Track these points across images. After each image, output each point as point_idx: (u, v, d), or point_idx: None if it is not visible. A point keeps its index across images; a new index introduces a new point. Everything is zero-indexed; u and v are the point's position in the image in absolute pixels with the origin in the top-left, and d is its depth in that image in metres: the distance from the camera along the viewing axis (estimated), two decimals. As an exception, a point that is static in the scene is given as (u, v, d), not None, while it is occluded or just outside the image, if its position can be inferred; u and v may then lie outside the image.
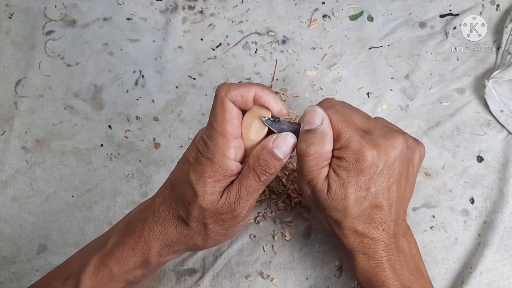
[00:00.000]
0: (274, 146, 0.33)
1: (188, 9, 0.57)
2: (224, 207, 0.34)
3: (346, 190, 0.33)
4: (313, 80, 0.54)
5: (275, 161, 0.33)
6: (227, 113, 0.33)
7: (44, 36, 0.56)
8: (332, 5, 0.57)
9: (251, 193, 0.34)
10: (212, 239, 0.36)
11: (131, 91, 0.54)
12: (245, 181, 0.33)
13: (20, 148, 0.51)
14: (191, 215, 0.34)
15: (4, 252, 0.47)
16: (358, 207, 0.34)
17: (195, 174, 0.34)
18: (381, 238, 0.35)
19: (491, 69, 0.53)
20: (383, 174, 0.34)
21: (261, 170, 0.33)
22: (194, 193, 0.33)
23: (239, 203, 0.33)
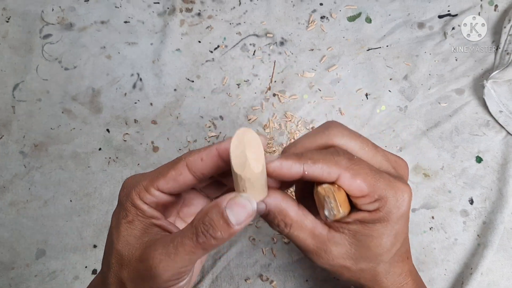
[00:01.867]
0: (228, 207, 0.26)
1: (186, 12, 0.57)
2: (142, 258, 0.27)
3: (381, 240, 0.30)
4: (312, 81, 0.54)
5: (224, 225, 0.26)
6: (172, 171, 0.29)
7: (42, 39, 0.55)
8: (330, 6, 0.57)
9: (181, 254, 0.26)
10: None
11: (129, 95, 0.53)
12: (179, 237, 0.27)
13: (18, 152, 0.51)
14: (110, 267, 0.29)
15: (3, 258, 0.47)
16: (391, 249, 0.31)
17: (112, 217, 0.30)
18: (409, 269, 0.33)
19: (490, 70, 0.53)
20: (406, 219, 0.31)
21: (203, 229, 0.26)
22: (111, 238, 0.29)
23: (161, 261, 0.26)
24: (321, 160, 0.28)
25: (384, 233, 0.29)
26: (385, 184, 0.29)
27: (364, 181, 0.28)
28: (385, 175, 0.29)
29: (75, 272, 0.46)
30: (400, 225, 0.30)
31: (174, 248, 0.27)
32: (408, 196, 0.29)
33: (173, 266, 0.27)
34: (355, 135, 0.31)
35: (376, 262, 0.31)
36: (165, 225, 0.30)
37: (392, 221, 0.29)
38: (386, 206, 0.29)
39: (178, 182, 0.29)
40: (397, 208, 0.29)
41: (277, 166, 0.28)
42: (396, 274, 0.33)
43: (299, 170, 0.28)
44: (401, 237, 0.31)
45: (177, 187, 0.29)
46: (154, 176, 0.29)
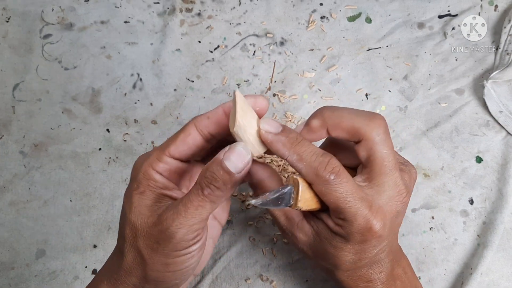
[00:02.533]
0: (225, 158, 0.28)
1: (186, 12, 0.57)
2: (156, 223, 0.29)
3: (339, 253, 0.31)
4: (312, 81, 0.54)
5: (224, 174, 0.28)
6: (181, 135, 0.31)
7: (42, 39, 0.55)
8: (330, 6, 0.57)
9: (190, 209, 0.28)
10: (152, 270, 0.30)
11: (129, 95, 0.53)
12: (186, 196, 0.29)
13: (18, 152, 0.51)
14: (125, 239, 0.30)
15: (3, 258, 0.47)
16: (353, 265, 0.32)
17: (125, 192, 0.32)
18: (378, 278, 0.33)
19: (490, 70, 0.53)
20: (386, 236, 0.31)
21: (206, 182, 0.28)
22: (124, 211, 0.31)
23: (173, 220, 0.28)
24: (307, 162, 0.29)
25: (342, 247, 0.30)
26: (357, 211, 0.29)
27: (332, 201, 0.29)
28: (364, 202, 0.29)
29: (75, 272, 0.46)
30: (364, 247, 0.30)
31: (183, 206, 0.28)
32: (380, 229, 0.30)
33: (185, 223, 0.28)
34: (389, 143, 0.31)
35: (333, 266, 0.32)
36: (177, 195, 0.31)
37: (353, 242, 0.30)
38: (349, 228, 0.29)
39: (188, 143, 0.31)
40: (360, 234, 0.30)
41: (268, 140, 0.30)
42: (358, 281, 0.33)
43: (284, 156, 0.30)
44: (364, 256, 0.31)
45: (187, 150, 0.31)
46: (165, 144, 0.31)
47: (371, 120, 0.31)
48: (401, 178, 0.31)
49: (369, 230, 0.29)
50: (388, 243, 0.32)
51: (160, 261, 0.29)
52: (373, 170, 0.31)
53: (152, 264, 0.30)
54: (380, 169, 0.31)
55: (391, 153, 0.31)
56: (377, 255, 0.32)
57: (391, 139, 0.32)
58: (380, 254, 0.32)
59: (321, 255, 0.32)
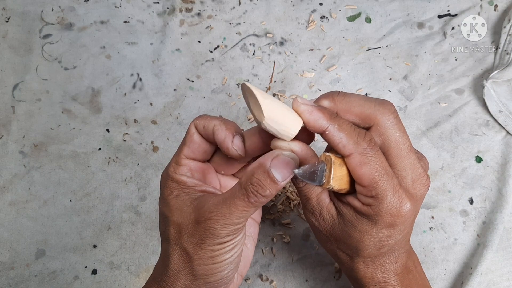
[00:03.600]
0: (272, 166, 0.28)
1: (186, 12, 0.57)
2: (198, 220, 0.30)
3: (364, 237, 0.30)
4: (311, 81, 0.54)
5: (271, 183, 0.28)
6: (188, 136, 0.33)
7: (41, 39, 0.55)
8: (330, 6, 0.57)
9: (235, 213, 0.29)
10: (199, 265, 0.31)
11: (129, 94, 0.53)
12: (231, 198, 0.29)
13: (17, 152, 0.51)
14: (169, 241, 0.31)
15: (2, 258, 0.47)
16: (375, 252, 0.31)
17: (160, 199, 0.33)
18: (393, 269, 0.33)
19: (490, 70, 0.53)
20: (410, 222, 0.31)
21: (253, 190, 0.28)
22: (164, 216, 0.32)
23: (217, 220, 0.29)
24: (346, 131, 0.29)
25: (368, 231, 0.30)
26: (388, 187, 0.29)
27: (368, 173, 0.28)
28: (395, 180, 0.29)
29: (75, 272, 0.46)
30: (391, 232, 0.30)
31: (227, 209, 0.29)
32: (410, 211, 0.29)
33: (229, 223, 0.29)
34: (401, 126, 0.31)
35: (354, 253, 0.32)
36: (208, 189, 0.33)
37: (380, 225, 0.30)
38: (379, 207, 0.29)
39: (196, 143, 0.33)
40: (390, 215, 0.29)
41: (308, 111, 0.29)
42: (375, 271, 0.33)
43: (323, 127, 0.29)
44: (388, 242, 0.31)
45: (198, 149, 0.33)
46: (178, 150, 0.33)
47: (381, 105, 0.30)
48: (419, 161, 0.31)
49: (399, 210, 0.29)
50: (409, 231, 0.32)
51: (205, 255, 0.31)
52: (391, 155, 0.30)
53: (199, 259, 0.31)
54: (397, 153, 0.30)
55: (404, 136, 0.31)
56: (399, 242, 0.31)
57: (402, 124, 0.31)
58: (401, 242, 0.32)
59: (344, 240, 0.32)
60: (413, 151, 0.31)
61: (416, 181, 0.31)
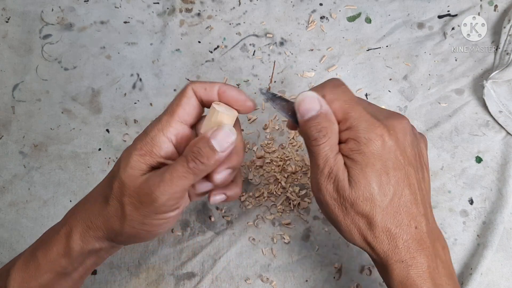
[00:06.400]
0: (212, 136, 0.31)
1: (186, 12, 0.57)
2: (143, 186, 0.31)
3: (366, 174, 0.31)
4: (312, 81, 0.54)
5: (209, 151, 0.31)
6: (184, 98, 0.33)
7: (41, 40, 0.55)
8: (330, 6, 0.57)
9: (175, 179, 0.31)
10: (129, 226, 0.33)
11: (129, 95, 0.53)
12: (172, 166, 0.31)
13: (17, 152, 0.51)
14: (112, 191, 0.32)
15: (2, 258, 0.47)
16: (383, 194, 0.31)
17: (127, 150, 0.33)
18: (416, 239, 0.31)
19: (490, 70, 0.53)
20: (397, 156, 0.31)
21: (192, 156, 0.31)
22: (118, 167, 0.32)
23: (159, 186, 0.31)
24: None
25: (363, 171, 0.31)
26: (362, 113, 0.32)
27: (339, 106, 0.32)
28: (366, 110, 0.32)
29: (74, 272, 0.46)
30: (382, 161, 0.31)
31: (169, 174, 0.31)
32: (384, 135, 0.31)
33: (168, 190, 0.31)
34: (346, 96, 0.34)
35: (369, 212, 0.31)
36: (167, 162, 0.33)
37: (366, 155, 0.31)
38: (358, 136, 0.31)
39: (192, 106, 0.33)
40: (367, 140, 0.31)
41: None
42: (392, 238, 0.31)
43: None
44: (388, 178, 0.31)
45: (191, 113, 0.33)
46: (171, 109, 0.33)
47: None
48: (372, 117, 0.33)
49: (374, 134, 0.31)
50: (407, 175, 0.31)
51: (138, 219, 0.32)
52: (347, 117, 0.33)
53: (131, 220, 0.32)
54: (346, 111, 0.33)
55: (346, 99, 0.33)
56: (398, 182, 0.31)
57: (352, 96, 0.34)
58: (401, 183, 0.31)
59: (356, 198, 0.31)
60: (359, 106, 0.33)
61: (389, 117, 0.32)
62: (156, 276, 0.46)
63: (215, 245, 0.47)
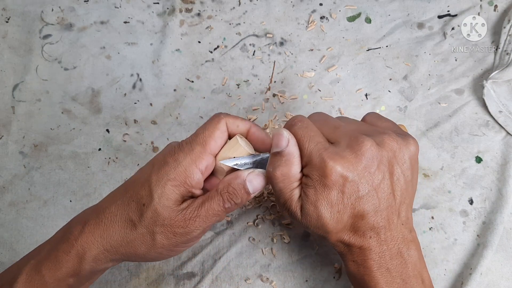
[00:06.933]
0: (248, 180, 0.34)
1: (186, 12, 0.57)
2: (178, 219, 0.33)
3: (317, 209, 0.33)
4: (311, 81, 0.54)
5: (244, 193, 0.34)
6: (217, 131, 0.34)
7: (41, 40, 0.55)
8: (330, 6, 0.57)
9: (210, 216, 0.33)
10: (155, 252, 0.34)
11: (129, 95, 0.53)
12: (209, 203, 0.33)
13: (17, 152, 0.51)
14: (143, 218, 0.32)
15: (2, 258, 0.47)
16: (337, 222, 0.33)
17: (157, 176, 0.33)
18: (369, 246, 0.34)
19: (490, 70, 0.53)
20: (355, 184, 0.32)
21: (228, 197, 0.33)
22: (151, 195, 0.32)
23: (195, 221, 0.33)
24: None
25: (317, 199, 0.33)
26: (312, 151, 0.33)
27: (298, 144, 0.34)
28: (320, 146, 0.33)
29: (75, 272, 0.46)
30: (331, 194, 0.32)
31: (205, 211, 0.33)
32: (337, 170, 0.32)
33: (203, 225, 0.33)
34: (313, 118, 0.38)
35: (323, 230, 0.34)
36: (198, 194, 0.35)
37: (317, 187, 0.32)
38: (310, 171, 0.33)
39: (222, 139, 0.35)
40: (318, 175, 0.32)
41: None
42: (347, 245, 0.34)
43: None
44: (343, 206, 0.33)
45: (220, 145, 0.35)
46: (202, 139, 0.34)
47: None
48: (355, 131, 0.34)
49: (324, 170, 0.32)
50: (367, 197, 0.33)
51: (167, 247, 0.34)
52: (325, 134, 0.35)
53: (160, 248, 0.33)
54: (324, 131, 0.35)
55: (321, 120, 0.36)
56: (354, 206, 0.33)
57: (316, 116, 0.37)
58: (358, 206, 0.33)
59: (309, 220, 0.34)
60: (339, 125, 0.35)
61: (352, 145, 0.33)
62: (156, 276, 0.46)
63: (215, 245, 0.47)
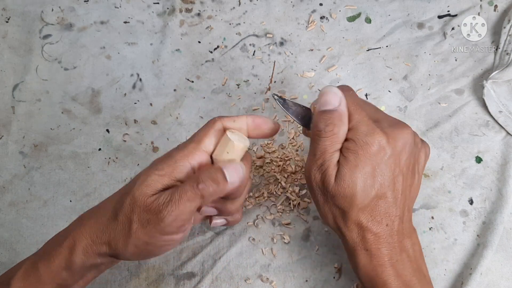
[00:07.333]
0: (226, 168, 0.34)
1: (186, 12, 0.57)
2: (152, 205, 0.32)
3: (354, 175, 0.33)
4: (311, 81, 0.54)
5: (221, 177, 0.33)
6: (211, 129, 0.35)
7: (41, 40, 0.55)
8: (330, 6, 0.57)
9: (184, 200, 0.32)
10: (133, 244, 0.33)
11: (129, 95, 0.53)
12: (182, 187, 0.33)
13: (17, 152, 0.51)
14: (122, 205, 0.33)
15: (2, 258, 0.47)
16: (365, 196, 0.33)
17: (145, 169, 0.34)
18: (384, 234, 0.34)
19: (490, 70, 0.53)
20: (389, 163, 0.33)
21: (203, 179, 0.33)
22: (134, 183, 0.33)
23: (167, 205, 0.32)
24: None
25: (356, 165, 0.33)
26: (361, 119, 0.34)
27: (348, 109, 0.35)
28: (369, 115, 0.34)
29: (75, 272, 0.46)
30: (372, 166, 0.33)
31: (177, 195, 0.32)
32: (381, 141, 0.33)
33: (175, 210, 0.32)
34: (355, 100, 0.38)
35: (348, 203, 0.34)
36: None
37: (362, 153, 0.33)
38: (356, 135, 0.33)
39: (217, 138, 0.35)
40: (364, 142, 0.33)
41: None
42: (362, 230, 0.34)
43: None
44: (374, 180, 0.33)
45: (214, 143, 0.35)
46: (198, 137, 0.35)
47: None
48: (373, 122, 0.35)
49: (371, 138, 0.33)
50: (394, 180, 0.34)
51: (143, 239, 0.33)
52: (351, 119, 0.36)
53: (136, 239, 0.33)
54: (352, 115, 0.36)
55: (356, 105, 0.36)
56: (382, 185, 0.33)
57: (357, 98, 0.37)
58: (385, 186, 0.34)
59: (341, 191, 0.33)
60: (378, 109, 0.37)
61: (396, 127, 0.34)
62: (156, 276, 0.46)
63: (215, 245, 0.47)
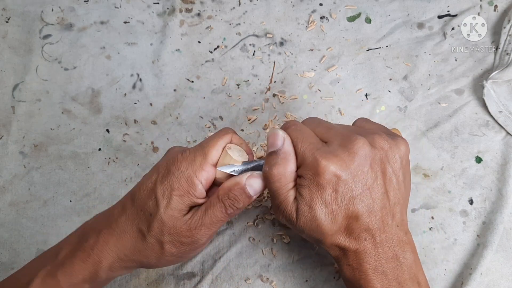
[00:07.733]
0: (247, 184, 0.34)
1: (186, 12, 0.57)
2: (184, 228, 0.34)
3: (312, 209, 0.32)
4: (311, 81, 0.54)
5: (245, 198, 0.35)
6: (220, 140, 0.36)
7: (41, 40, 0.55)
8: (330, 6, 0.57)
9: (214, 223, 0.34)
10: (165, 260, 0.36)
11: (129, 95, 0.53)
12: (211, 210, 0.34)
13: (17, 153, 0.51)
14: (151, 228, 0.34)
15: (2, 258, 0.47)
16: (332, 223, 0.33)
17: (161, 185, 0.34)
18: (364, 249, 0.33)
19: (490, 70, 0.53)
20: (348, 184, 0.32)
21: (230, 203, 0.34)
22: (157, 205, 0.34)
23: (200, 229, 0.34)
24: None
25: (312, 199, 0.32)
26: (306, 150, 0.33)
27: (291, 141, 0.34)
28: (312, 146, 0.33)
29: (75, 272, 0.46)
30: (325, 193, 0.32)
31: (209, 219, 0.34)
32: (328, 168, 0.32)
33: (208, 233, 0.35)
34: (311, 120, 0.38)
35: (320, 235, 0.33)
36: (199, 202, 0.36)
37: (311, 186, 0.32)
38: (303, 170, 0.33)
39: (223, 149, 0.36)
40: (312, 174, 0.32)
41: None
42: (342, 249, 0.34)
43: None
44: (337, 206, 0.32)
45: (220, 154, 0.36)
46: (205, 149, 0.35)
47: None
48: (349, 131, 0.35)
49: (317, 168, 0.32)
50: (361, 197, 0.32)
51: (176, 255, 0.35)
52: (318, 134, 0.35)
53: (169, 255, 0.35)
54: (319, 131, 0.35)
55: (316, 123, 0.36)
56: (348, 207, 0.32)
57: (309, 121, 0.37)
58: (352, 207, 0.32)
59: (304, 222, 0.34)
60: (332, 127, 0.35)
61: (345, 144, 0.33)
62: (156, 276, 0.46)
63: (215, 245, 0.47)
